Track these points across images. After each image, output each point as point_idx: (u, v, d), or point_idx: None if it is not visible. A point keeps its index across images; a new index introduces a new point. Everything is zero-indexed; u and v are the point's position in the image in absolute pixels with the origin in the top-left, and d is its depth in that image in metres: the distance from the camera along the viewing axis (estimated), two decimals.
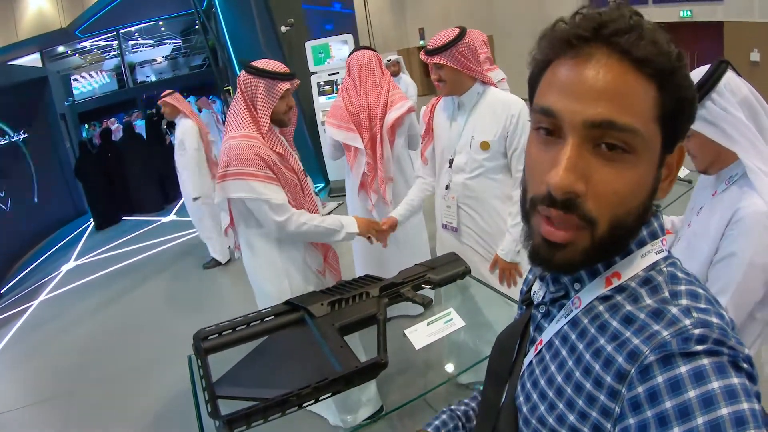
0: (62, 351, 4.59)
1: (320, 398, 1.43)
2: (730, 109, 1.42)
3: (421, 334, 1.83)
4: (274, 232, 2.30)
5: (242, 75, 2.29)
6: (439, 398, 2.43)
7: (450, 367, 2.23)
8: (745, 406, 0.54)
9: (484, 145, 2.35)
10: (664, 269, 0.70)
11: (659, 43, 0.63)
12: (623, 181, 0.64)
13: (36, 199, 8.52)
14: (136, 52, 16.54)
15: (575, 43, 0.65)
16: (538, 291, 0.85)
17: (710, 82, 1.44)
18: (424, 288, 1.89)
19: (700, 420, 0.54)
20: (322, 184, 8.34)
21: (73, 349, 4.57)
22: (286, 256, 2.39)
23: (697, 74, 1.46)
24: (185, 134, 5.17)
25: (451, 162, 2.49)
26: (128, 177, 9.02)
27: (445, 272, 1.93)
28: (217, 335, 1.60)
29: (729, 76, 1.45)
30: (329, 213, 2.46)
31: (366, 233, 2.48)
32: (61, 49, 15.08)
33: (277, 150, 2.28)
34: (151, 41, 16.59)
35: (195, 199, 5.22)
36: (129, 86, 16.17)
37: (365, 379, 1.50)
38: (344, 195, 7.33)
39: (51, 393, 3.88)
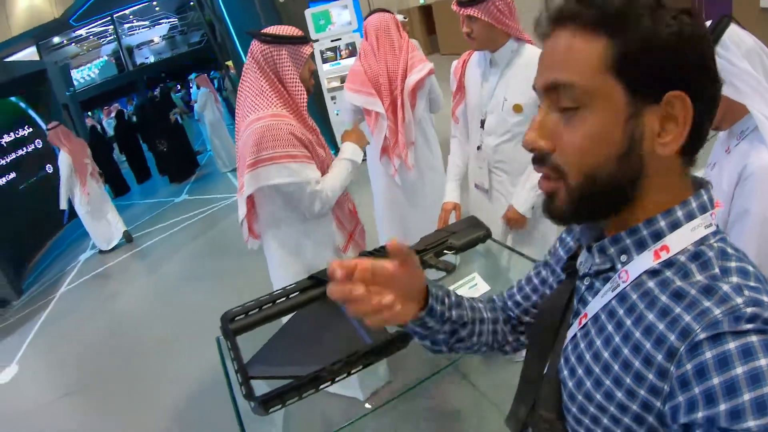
0: (88, 341, 4.65)
1: (352, 372, 1.44)
2: (735, 61, 1.38)
3: None
4: (313, 214, 2.18)
5: (258, 47, 2.08)
6: (469, 365, 2.45)
7: None
8: None
9: (517, 108, 2.24)
10: (715, 245, 0.69)
11: None
12: (579, 134, 0.68)
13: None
14: (133, 34, 16.45)
15: (545, 25, 0.72)
16: (584, 262, 0.83)
17: (713, 38, 1.39)
18: (446, 254, 1.88)
19: (746, 396, 0.54)
20: (332, 151, 8.27)
21: (98, 338, 4.63)
22: (315, 236, 2.30)
23: None
24: (60, 164, 6.25)
25: (482, 123, 2.41)
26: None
27: (466, 237, 1.91)
28: (243, 315, 1.59)
29: (732, 29, 1.40)
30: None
31: (363, 144, 2.45)
32: (56, 39, 14.99)
33: (310, 124, 2.16)
34: (146, 22, 16.48)
35: (63, 209, 6.59)
36: (129, 69, 16.11)
37: (396, 350, 1.50)
38: None
39: (81, 384, 3.94)
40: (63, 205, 6.46)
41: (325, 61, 7.15)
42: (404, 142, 3.04)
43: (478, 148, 2.46)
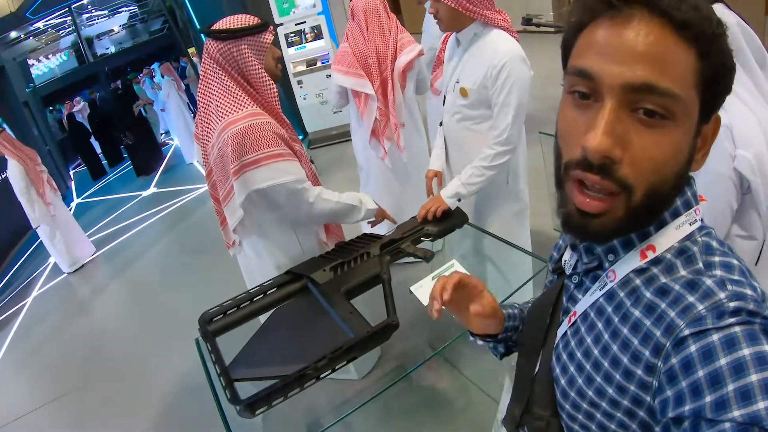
0: (65, 345, 4.53)
1: (337, 367, 1.42)
2: None
3: (427, 290, 1.79)
4: (300, 216, 2.07)
5: (214, 45, 1.91)
6: (458, 354, 2.45)
7: None
8: None
9: (463, 92, 2.21)
10: (699, 239, 0.70)
11: (700, 8, 0.61)
12: (661, 148, 0.62)
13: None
14: (92, 24, 16.01)
15: (615, 4, 0.62)
16: (569, 260, 0.84)
17: None
18: (423, 241, 1.87)
19: (730, 387, 0.54)
20: (300, 137, 8.19)
21: (76, 342, 4.51)
22: (303, 236, 2.19)
23: None
24: (12, 177, 5.48)
25: (445, 100, 2.40)
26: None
27: (443, 223, 1.90)
28: (222, 316, 1.57)
29: (717, 8, 1.40)
30: None
31: (378, 216, 2.23)
32: (13, 34, 14.47)
33: (283, 119, 2.06)
34: (105, 11, 16.05)
35: (36, 228, 5.72)
36: (89, 61, 15.70)
37: (378, 343, 1.49)
38: (324, 146, 7.40)
39: (60, 391, 3.82)
40: (34, 223, 5.62)
41: (290, 45, 7.05)
42: (395, 123, 3.04)
43: (440, 123, 2.47)
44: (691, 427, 0.56)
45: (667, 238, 0.70)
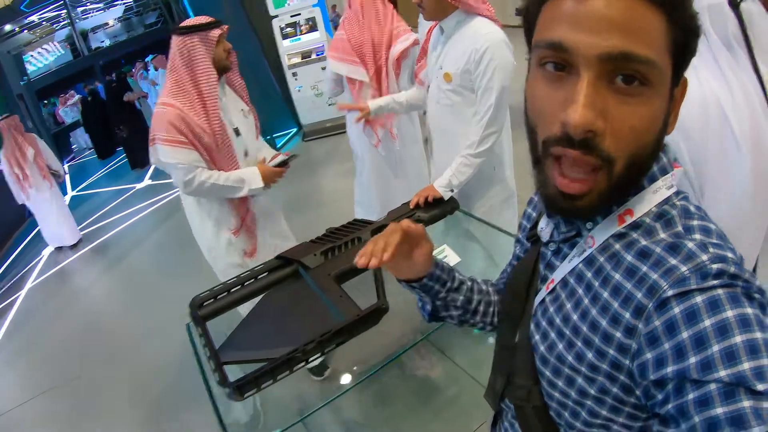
0: (59, 336, 4.55)
1: (326, 351, 1.43)
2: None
3: None
4: (182, 191, 2.45)
5: (176, 40, 2.33)
6: (442, 338, 2.46)
7: None
8: (758, 335, 0.55)
9: (447, 77, 2.24)
10: (677, 203, 0.70)
11: None
12: (640, 116, 0.62)
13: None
14: (87, 17, 15.91)
15: None
16: (545, 228, 0.83)
17: None
18: None
19: (715, 347, 0.55)
20: (294, 129, 8.24)
21: (70, 333, 4.54)
22: (213, 212, 2.58)
23: None
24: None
25: (428, 88, 2.42)
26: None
27: (434, 209, 1.91)
28: (212, 300, 1.56)
29: None
30: (276, 164, 2.52)
31: (271, 181, 2.53)
32: (8, 27, 14.40)
33: (200, 117, 2.35)
34: (101, 4, 15.95)
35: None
36: (84, 54, 15.60)
37: (368, 326, 1.49)
38: (317, 138, 7.39)
39: (55, 381, 3.85)
40: (19, 199, 5.99)
41: (285, 37, 7.05)
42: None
43: (424, 113, 2.49)
44: (674, 388, 0.57)
45: (644, 203, 0.70)
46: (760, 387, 0.52)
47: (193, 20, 2.39)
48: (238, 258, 2.66)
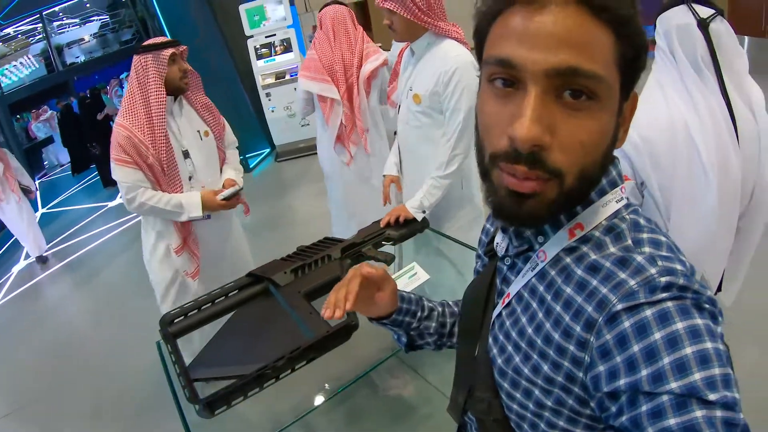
0: (30, 354, 4.46)
1: (296, 367, 1.44)
2: (656, 36, 1.61)
3: None
4: (127, 208, 2.51)
5: (135, 59, 2.42)
6: (412, 355, 2.47)
7: None
8: (708, 345, 0.56)
9: (416, 98, 2.27)
10: (627, 217, 0.71)
11: None
12: (588, 130, 0.62)
13: None
14: (63, 32, 15.76)
15: None
16: (500, 242, 0.84)
17: (660, 11, 1.61)
18: (384, 245, 1.90)
19: (666, 360, 0.56)
20: (267, 149, 8.25)
21: (41, 351, 4.45)
22: (158, 227, 2.63)
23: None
24: None
25: (399, 109, 2.45)
26: None
27: (404, 228, 1.94)
28: (183, 317, 1.57)
29: (674, 9, 1.57)
30: (224, 197, 2.55)
31: (212, 211, 2.59)
32: None
33: (146, 136, 2.40)
34: (77, 20, 15.81)
35: None
36: (59, 70, 15.44)
37: (338, 343, 1.50)
38: (290, 159, 7.40)
39: (25, 400, 3.77)
40: None
41: (259, 57, 7.09)
42: (362, 128, 3.11)
43: (395, 133, 2.52)
44: (627, 400, 0.58)
45: (594, 217, 0.71)
46: (711, 397, 0.53)
47: (151, 40, 2.48)
48: (170, 273, 2.67)
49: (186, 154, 2.56)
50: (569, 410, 0.69)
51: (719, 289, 1.80)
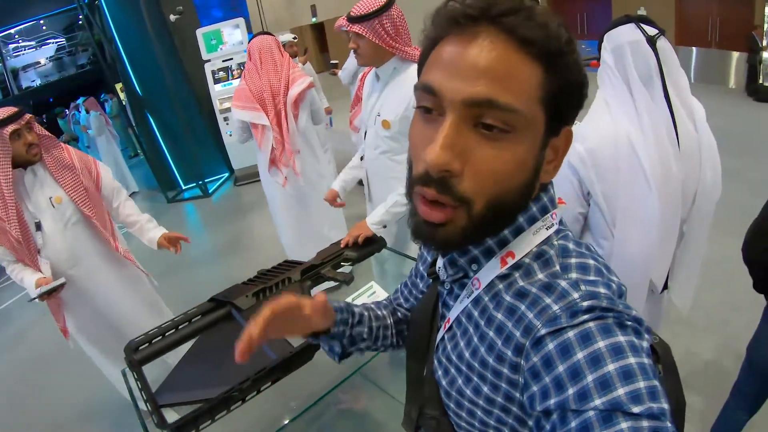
0: None
1: (262, 389, 1.48)
2: (603, 53, 1.71)
3: None
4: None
5: None
6: (375, 371, 2.51)
7: None
8: (631, 360, 0.57)
9: (385, 124, 2.29)
10: (556, 243, 0.72)
11: (549, 26, 0.63)
12: (501, 160, 0.63)
13: None
14: (18, 55, 15.47)
15: (462, 22, 0.64)
16: (442, 267, 0.85)
17: (606, 30, 1.70)
18: (343, 266, 1.95)
19: (589, 378, 0.57)
20: (226, 174, 8.23)
21: (5, 377, 4.39)
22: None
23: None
24: None
25: (366, 134, 2.49)
26: None
27: (362, 249, 1.99)
28: (147, 344, 1.58)
29: (622, 27, 1.67)
30: (40, 294, 2.43)
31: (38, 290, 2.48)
32: None
33: (2, 213, 2.35)
34: (33, 42, 15.55)
35: None
36: (14, 93, 15.13)
37: (301, 363, 1.55)
38: (249, 183, 7.39)
39: None
40: None
41: (216, 81, 7.09)
42: (291, 150, 3.21)
43: (361, 158, 2.57)
44: (558, 418, 0.59)
45: (525, 244, 0.72)
46: (635, 409, 0.54)
47: None
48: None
49: (38, 226, 2.48)
50: (510, 429, 0.72)
51: (665, 287, 1.89)
